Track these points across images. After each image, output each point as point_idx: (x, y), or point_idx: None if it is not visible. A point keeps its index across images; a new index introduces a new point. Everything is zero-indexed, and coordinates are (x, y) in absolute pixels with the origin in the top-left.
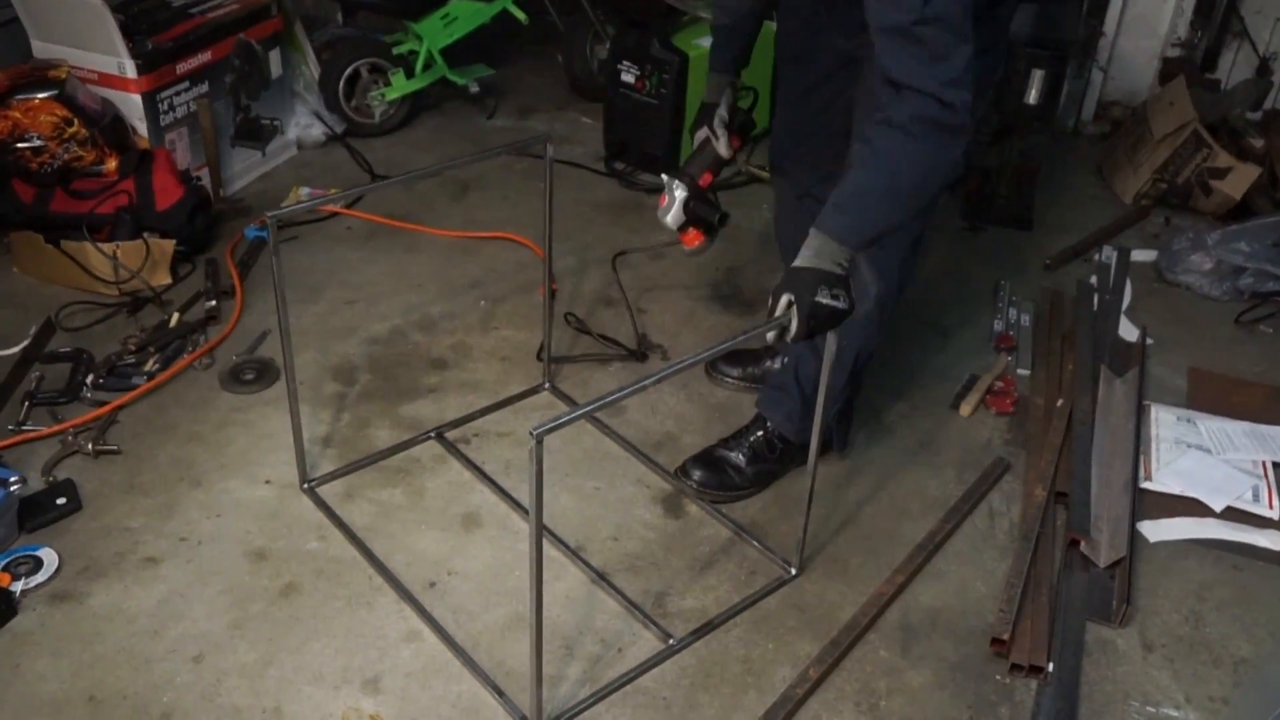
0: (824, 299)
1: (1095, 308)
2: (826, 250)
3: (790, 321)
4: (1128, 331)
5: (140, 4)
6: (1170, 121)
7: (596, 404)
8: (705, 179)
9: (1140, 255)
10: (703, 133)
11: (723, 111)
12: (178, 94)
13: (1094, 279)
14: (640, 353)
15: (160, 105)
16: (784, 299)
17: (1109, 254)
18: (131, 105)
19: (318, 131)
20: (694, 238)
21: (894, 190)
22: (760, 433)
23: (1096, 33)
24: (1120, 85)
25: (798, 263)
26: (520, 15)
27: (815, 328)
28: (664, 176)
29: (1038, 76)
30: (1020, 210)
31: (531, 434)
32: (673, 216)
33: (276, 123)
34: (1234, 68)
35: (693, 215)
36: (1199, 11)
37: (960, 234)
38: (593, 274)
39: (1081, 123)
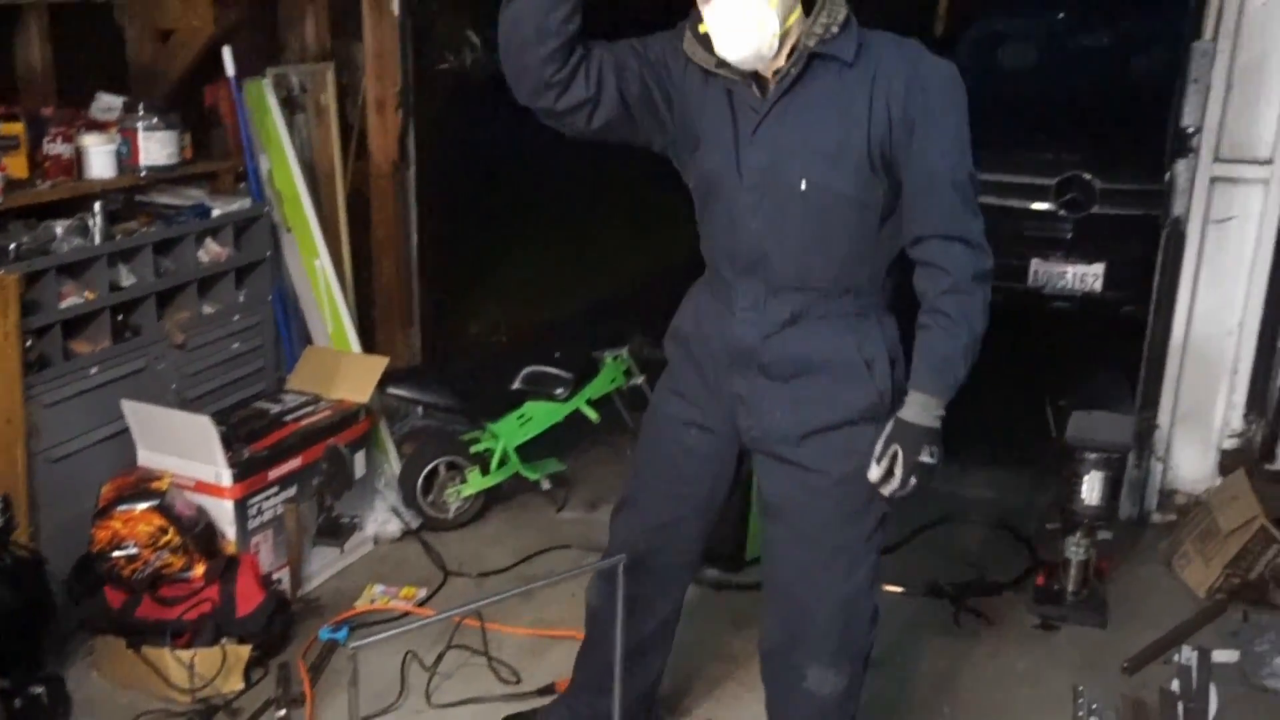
0: (925, 458)
1: (1181, 717)
2: (929, 405)
3: (896, 472)
4: None
5: (239, 411)
6: (1236, 516)
7: None
8: None
9: (1221, 656)
10: None
11: None
12: (267, 498)
13: (1176, 684)
14: None
15: (250, 510)
16: (892, 449)
17: (1188, 655)
18: (223, 511)
19: (394, 527)
20: None
21: (972, 343)
22: None
23: (1151, 425)
24: (1180, 474)
25: (904, 416)
26: (593, 415)
27: (915, 484)
28: None
29: (1098, 479)
30: (1093, 606)
31: None
32: None
33: (356, 520)
34: None
35: None
36: (1251, 405)
37: (1032, 632)
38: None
39: (1145, 512)
